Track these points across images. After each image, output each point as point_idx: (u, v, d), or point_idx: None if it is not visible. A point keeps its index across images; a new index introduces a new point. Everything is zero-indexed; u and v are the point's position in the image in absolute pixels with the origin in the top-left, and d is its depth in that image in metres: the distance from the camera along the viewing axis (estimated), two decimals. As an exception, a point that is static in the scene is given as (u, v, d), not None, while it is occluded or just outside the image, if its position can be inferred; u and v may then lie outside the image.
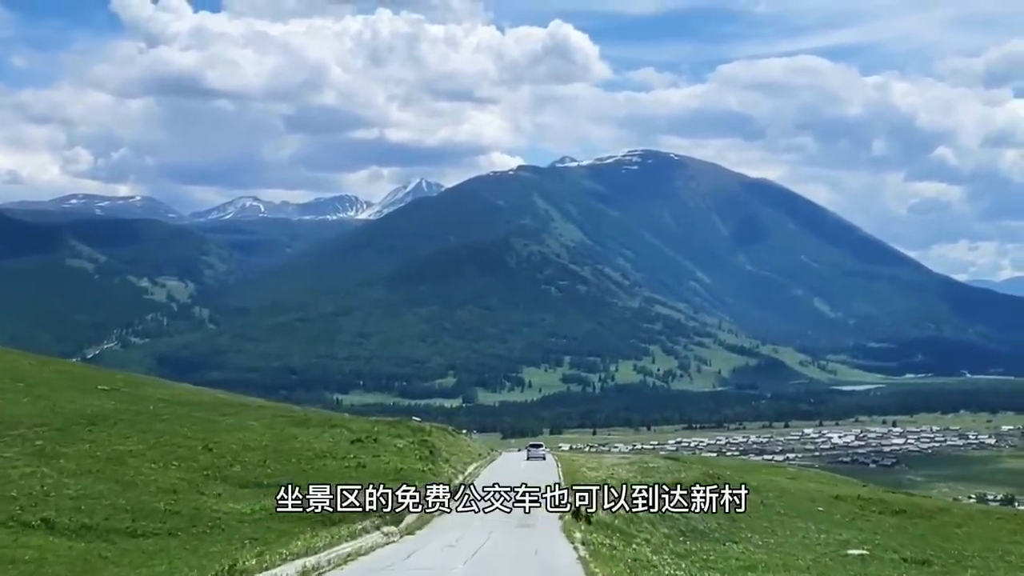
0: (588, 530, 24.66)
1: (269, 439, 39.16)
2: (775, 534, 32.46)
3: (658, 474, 42.45)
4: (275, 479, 32.85)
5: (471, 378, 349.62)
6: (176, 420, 41.32)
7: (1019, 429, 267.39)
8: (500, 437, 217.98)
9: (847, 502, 41.22)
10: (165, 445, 35.43)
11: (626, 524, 27.96)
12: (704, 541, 29.78)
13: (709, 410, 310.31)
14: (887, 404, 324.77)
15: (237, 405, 53.72)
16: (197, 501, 28.36)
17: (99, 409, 41.28)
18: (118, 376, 61.14)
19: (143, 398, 48.81)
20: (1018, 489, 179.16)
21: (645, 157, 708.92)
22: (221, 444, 36.80)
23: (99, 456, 32.54)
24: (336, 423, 46.98)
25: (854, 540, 31.79)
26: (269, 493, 30.73)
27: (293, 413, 52.48)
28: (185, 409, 46.38)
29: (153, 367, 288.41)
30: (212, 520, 26.13)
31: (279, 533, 25.15)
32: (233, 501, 29.14)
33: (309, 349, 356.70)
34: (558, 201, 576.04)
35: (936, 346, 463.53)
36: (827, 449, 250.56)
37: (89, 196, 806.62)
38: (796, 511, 37.88)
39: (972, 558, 30.10)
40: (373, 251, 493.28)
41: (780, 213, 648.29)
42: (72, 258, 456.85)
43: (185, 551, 22.84)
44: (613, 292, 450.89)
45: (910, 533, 34.82)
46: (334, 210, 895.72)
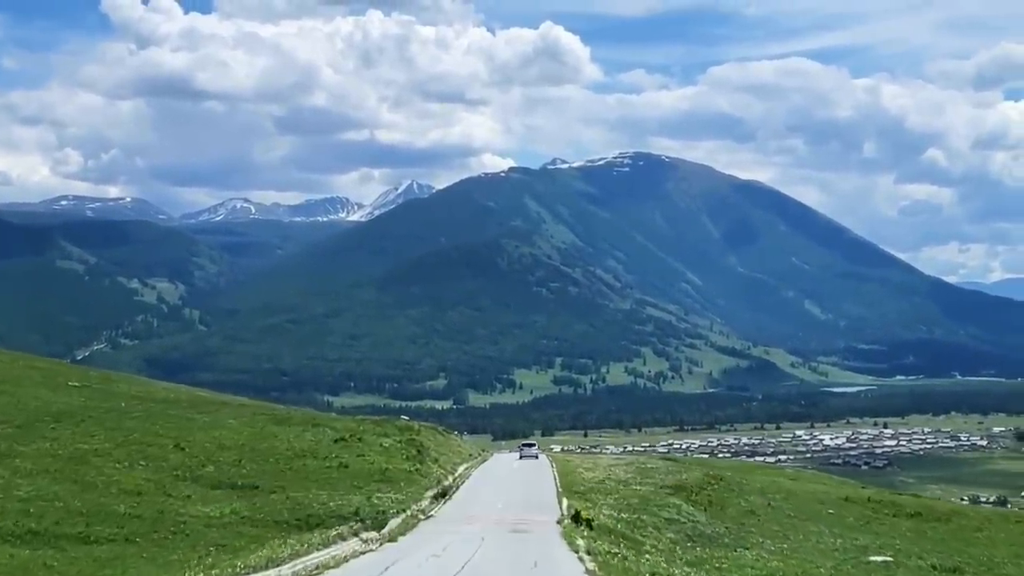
0: (591, 536, 22.41)
1: (247, 438, 36.88)
2: (787, 538, 30.37)
3: (658, 475, 40.44)
4: (250, 480, 30.65)
5: (462, 380, 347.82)
6: (148, 418, 38.99)
7: (1011, 431, 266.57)
8: (491, 439, 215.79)
9: (857, 504, 39.17)
10: (133, 444, 33.11)
11: (630, 528, 25.82)
12: (714, 547, 27.65)
13: (700, 412, 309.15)
14: (878, 406, 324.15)
15: (216, 403, 51.35)
16: (162, 504, 26.04)
17: (66, 406, 38.93)
18: (93, 373, 58.68)
19: (116, 395, 46.40)
20: (1010, 491, 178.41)
21: (636, 159, 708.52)
22: (194, 443, 34.51)
23: (60, 455, 30.23)
24: (319, 422, 44.78)
25: (872, 545, 29.72)
26: (243, 495, 28.59)
27: (275, 411, 50.15)
28: (160, 407, 44.03)
29: (143, 369, 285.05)
30: (176, 524, 23.80)
31: (249, 539, 22.90)
32: (203, 504, 26.87)
33: (300, 351, 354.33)
34: (549, 203, 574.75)
35: (927, 348, 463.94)
36: (818, 451, 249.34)
37: (79, 197, 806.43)
38: (805, 514, 35.82)
39: (1004, 564, 28.09)
40: (364, 253, 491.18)
41: (771, 215, 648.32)
42: (62, 259, 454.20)
43: (142, 559, 20.54)
44: (604, 294, 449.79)
45: (929, 537, 32.80)
46: (325, 212, 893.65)
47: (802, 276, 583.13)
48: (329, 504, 26.40)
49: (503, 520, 24.42)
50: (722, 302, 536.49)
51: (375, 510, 25.85)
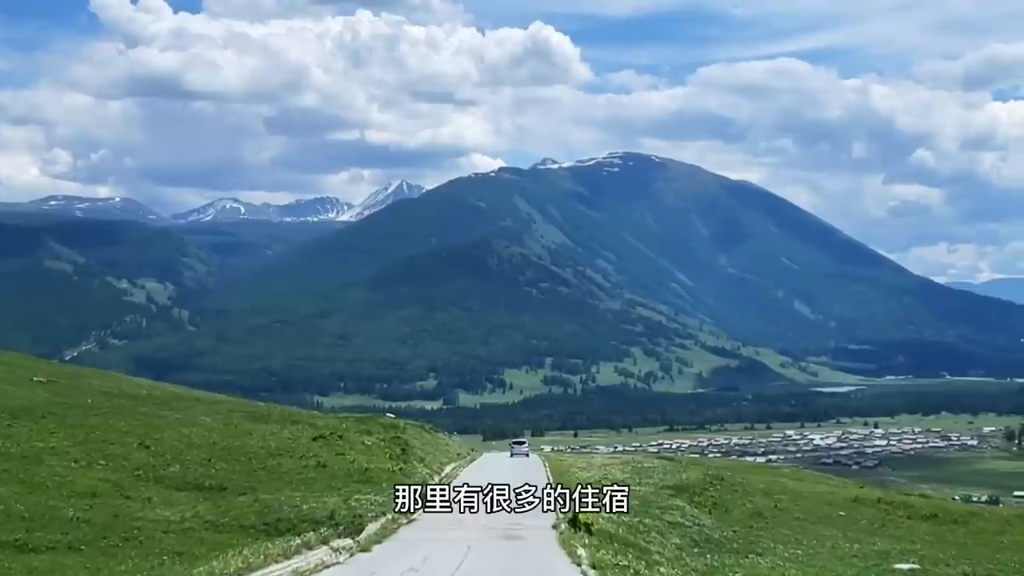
0: (592, 544, 20.07)
1: (219, 436, 34.49)
2: (800, 544, 28.16)
3: (656, 474, 38.27)
4: (219, 480, 28.29)
5: (452, 380, 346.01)
6: (115, 414, 36.52)
7: (1001, 431, 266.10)
8: (481, 439, 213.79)
9: (867, 505, 37.03)
10: (94, 442, 30.66)
11: (632, 533, 23.51)
12: (723, 553, 25.42)
13: (690, 412, 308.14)
14: (868, 406, 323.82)
15: (190, 400, 48.84)
16: (118, 507, 23.61)
17: (27, 402, 36.40)
18: (63, 369, 55.99)
19: (83, 391, 43.84)
20: (1002, 491, 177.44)
21: (626, 159, 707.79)
22: (162, 441, 32.08)
23: (12, 453, 27.76)
24: (299, 419, 42.44)
25: (893, 551, 27.54)
26: (209, 497, 26.27)
27: (252, 408, 47.71)
28: (130, 403, 41.53)
29: (131, 369, 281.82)
30: (129, 530, 21.36)
31: (211, 546, 20.54)
32: (164, 506, 24.49)
33: (289, 351, 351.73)
34: (539, 203, 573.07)
35: (916, 348, 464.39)
36: (809, 451, 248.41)
37: (68, 197, 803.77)
38: (815, 516, 33.67)
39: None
40: (354, 253, 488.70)
41: (761, 215, 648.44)
42: (51, 260, 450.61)
43: (84, 570, 18.14)
44: (594, 294, 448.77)
45: (951, 542, 30.68)
46: (315, 212, 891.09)
47: (792, 276, 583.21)
48: (302, 507, 23.97)
49: (493, 525, 22.03)
50: (712, 302, 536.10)
51: (352, 513, 23.43)
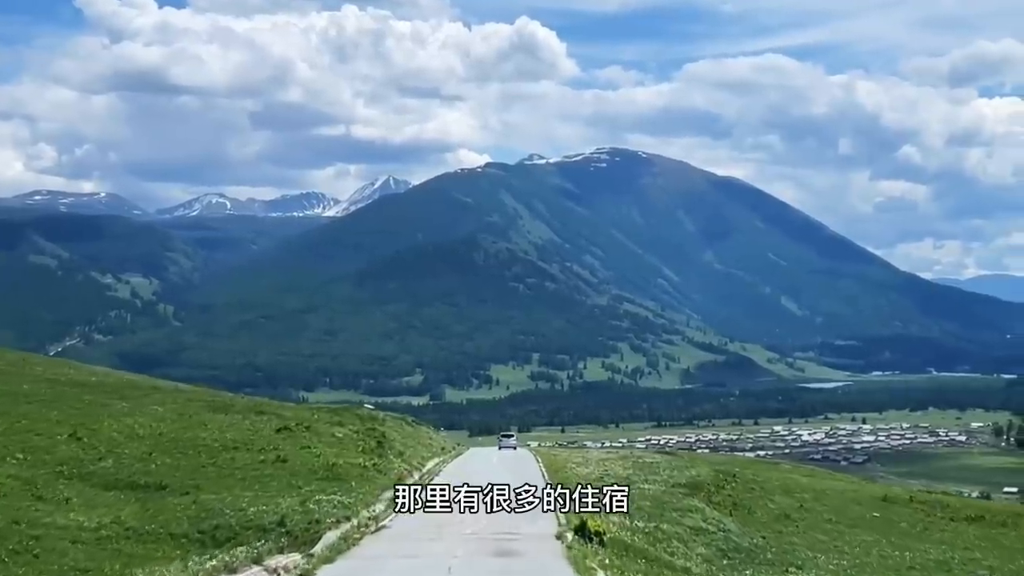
0: (606, 558, 15.99)
1: (169, 427, 30.28)
2: (842, 552, 24.20)
3: (662, 471, 34.35)
4: (158, 478, 24.05)
5: (438, 376, 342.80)
6: (53, 402, 32.27)
7: (989, 426, 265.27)
8: (467, 435, 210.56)
9: (900, 505, 33.19)
10: (17, 432, 26.41)
11: (651, 542, 19.50)
12: (758, 565, 21.43)
13: (678, 408, 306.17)
14: (855, 401, 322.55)
15: (146, 388, 44.45)
16: (24, 510, 19.37)
17: (-48, 389, 32.20)
18: (8, 355, 51.45)
19: (23, 377, 39.45)
20: (991, 487, 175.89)
21: (613, 155, 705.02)
22: (97, 432, 27.83)
23: (-89, 447, 23.61)
24: (265, 409, 38.27)
25: (952, 560, 23.68)
26: (141, 498, 22.02)
27: (215, 398, 43.40)
28: (74, 391, 37.20)
29: (116, 364, 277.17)
30: (28, 540, 17.21)
31: (126, 560, 16.39)
32: (84, 509, 20.30)
33: (275, 346, 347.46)
34: (526, 198, 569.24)
35: (902, 344, 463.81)
36: (797, 446, 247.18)
37: (53, 192, 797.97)
38: (847, 518, 29.79)
39: None
40: (340, 248, 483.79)
41: (747, 211, 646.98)
42: (35, 255, 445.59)
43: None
44: (581, 290, 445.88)
45: (1008, 547, 26.88)
46: (300, 207, 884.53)
47: (778, 272, 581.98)
48: (248, 511, 19.68)
49: (482, 534, 17.86)
50: (698, 298, 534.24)
51: (307, 519, 19.16)
